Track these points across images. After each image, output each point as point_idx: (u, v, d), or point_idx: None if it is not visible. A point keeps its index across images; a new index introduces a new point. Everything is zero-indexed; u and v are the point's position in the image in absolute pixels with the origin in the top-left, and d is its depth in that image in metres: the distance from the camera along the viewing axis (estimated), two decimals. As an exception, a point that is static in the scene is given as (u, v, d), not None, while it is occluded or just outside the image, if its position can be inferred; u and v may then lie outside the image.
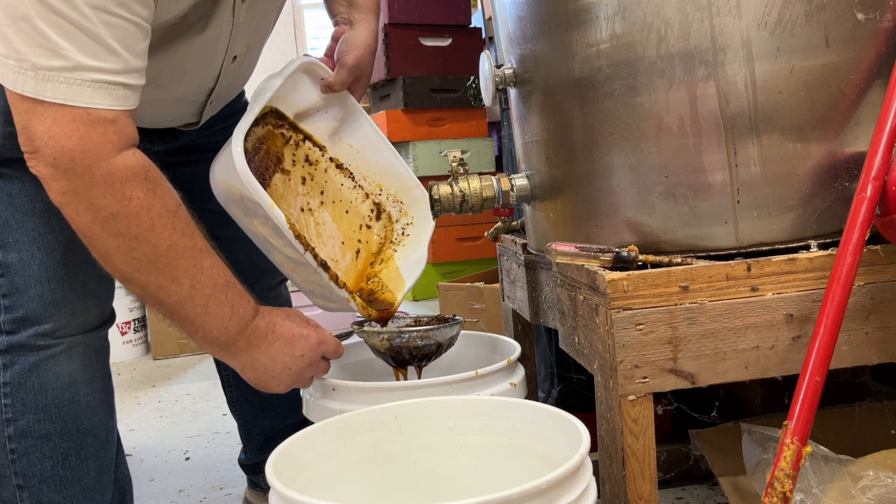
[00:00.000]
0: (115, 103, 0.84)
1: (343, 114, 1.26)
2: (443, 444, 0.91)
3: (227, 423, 2.05)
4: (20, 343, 0.97)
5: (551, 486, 0.65)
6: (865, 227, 0.82)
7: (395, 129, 3.20)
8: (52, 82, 0.80)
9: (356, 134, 1.26)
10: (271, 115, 1.20)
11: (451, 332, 1.13)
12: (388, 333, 1.09)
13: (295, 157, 1.22)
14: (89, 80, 0.82)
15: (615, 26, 0.91)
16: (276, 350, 0.98)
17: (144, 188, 0.87)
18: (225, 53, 1.11)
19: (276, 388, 1.01)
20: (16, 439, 0.98)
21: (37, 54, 0.80)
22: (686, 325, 0.87)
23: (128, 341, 3.00)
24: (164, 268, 0.88)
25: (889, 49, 0.89)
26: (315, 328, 1.01)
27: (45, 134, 0.82)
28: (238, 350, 0.96)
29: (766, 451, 0.92)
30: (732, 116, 0.89)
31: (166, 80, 1.07)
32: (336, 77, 1.20)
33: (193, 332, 0.94)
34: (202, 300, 0.91)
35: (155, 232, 0.87)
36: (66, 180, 0.84)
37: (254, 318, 0.96)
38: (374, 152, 1.27)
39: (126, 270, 0.88)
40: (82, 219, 0.86)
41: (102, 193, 0.84)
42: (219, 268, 0.93)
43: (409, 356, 1.11)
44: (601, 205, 0.97)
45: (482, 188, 1.12)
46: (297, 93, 1.20)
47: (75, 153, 0.82)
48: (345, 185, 1.26)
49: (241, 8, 1.06)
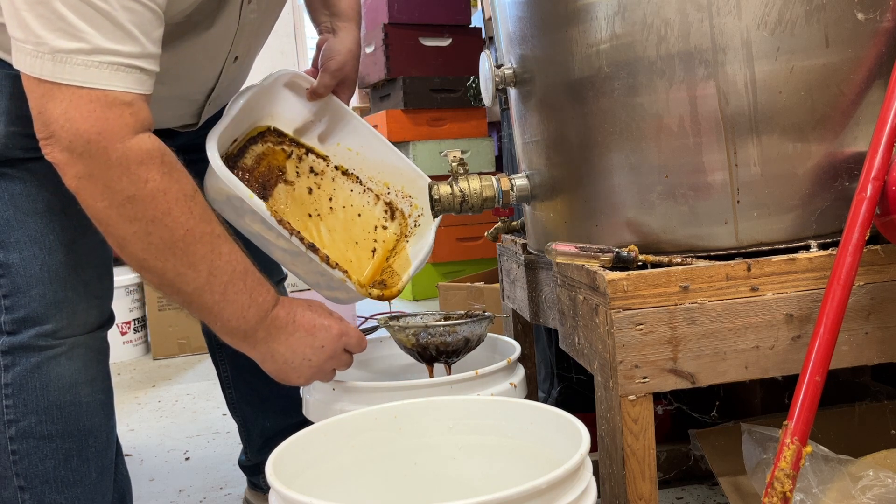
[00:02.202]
0: (132, 86, 0.84)
1: (335, 119, 1.28)
2: (443, 444, 0.91)
3: (227, 423, 2.05)
4: (22, 344, 0.97)
5: (551, 486, 0.65)
6: (865, 227, 0.82)
7: (395, 129, 3.20)
8: (70, 65, 0.80)
9: (351, 136, 1.28)
10: (270, 133, 1.23)
11: (479, 329, 1.10)
12: (414, 328, 1.08)
13: (299, 169, 1.25)
14: (107, 63, 0.82)
15: (615, 26, 0.92)
16: (296, 341, 0.96)
17: (161, 171, 0.86)
18: (228, 53, 1.12)
19: (296, 381, 0.99)
20: (17, 440, 0.98)
21: (55, 37, 0.80)
22: (686, 325, 0.87)
23: (128, 341, 2.99)
24: (181, 253, 0.87)
25: (889, 49, 0.89)
26: (338, 319, 0.99)
27: (61, 116, 0.81)
28: (258, 341, 0.95)
29: (766, 451, 0.92)
30: (732, 116, 0.89)
31: (171, 77, 1.07)
32: (319, 82, 1.22)
33: (212, 321, 0.93)
34: (220, 287, 0.90)
35: (172, 216, 0.86)
36: (81, 164, 0.83)
37: (274, 308, 0.94)
38: (372, 151, 1.28)
39: (143, 257, 0.87)
40: (98, 204, 0.85)
41: (118, 176, 0.83)
42: (237, 254, 0.92)
43: (436, 352, 1.09)
44: (601, 205, 0.97)
45: (482, 188, 1.12)
46: (290, 109, 1.23)
47: (91, 135, 0.82)
48: (354, 191, 1.28)
49: (248, 8, 1.06)
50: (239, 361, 1.44)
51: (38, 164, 0.96)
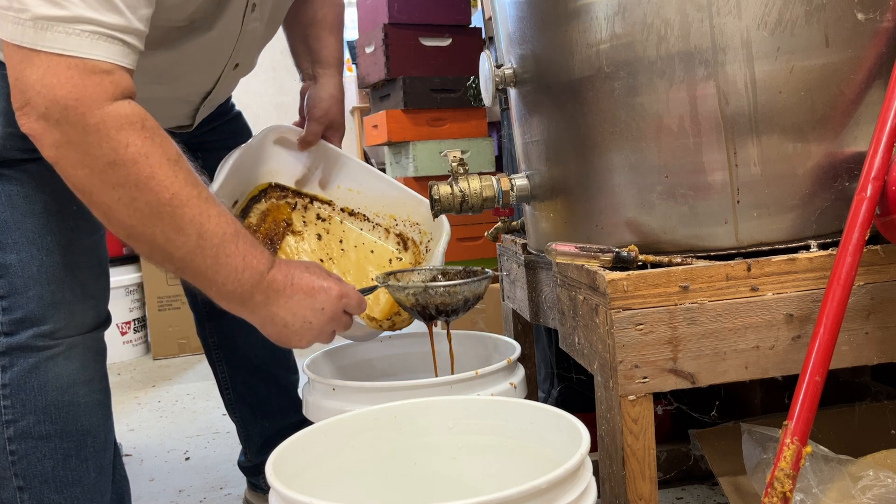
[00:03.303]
0: (112, 56, 0.83)
1: (330, 163, 1.31)
2: (443, 444, 0.91)
3: (227, 423, 2.05)
4: (19, 344, 0.97)
5: (551, 486, 0.65)
6: (865, 227, 0.82)
7: (395, 129, 3.20)
8: (51, 31, 0.79)
9: (349, 176, 1.31)
10: (273, 189, 1.27)
11: (478, 288, 1.09)
12: (413, 288, 1.06)
13: (305, 218, 1.29)
14: (88, 32, 0.81)
15: (615, 26, 0.91)
16: (295, 303, 0.94)
17: (142, 136, 0.84)
18: (228, 59, 1.12)
19: (297, 344, 0.97)
20: (16, 440, 0.98)
21: (38, 4, 0.79)
22: (686, 325, 0.87)
23: (128, 341, 2.99)
24: (168, 217, 0.85)
25: (889, 49, 0.89)
26: (336, 281, 0.97)
27: (37, 82, 0.80)
28: (256, 305, 0.93)
29: (766, 451, 0.92)
30: (732, 116, 0.89)
31: (169, 77, 1.07)
32: (308, 130, 1.26)
33: (208, 287, 0.91)
34: (212, 251, 0.88)
35: (156, 180, 0.84)
36: (58, 132, 0.81)
37: (270, 271, 0.92)
38: (371, 187, 1.31)
39: (130, 224, 0.86)
40: (79, 172, 0.83)
41: (97, 142, 0.82)
42: (226, 217, 0.90)
43: (436, 311, 1.08)
44: (601, 205, 0.97)
45: (482, 188, 1.12)
46: (286, 163, 1.27)
47: (68, 101, 0.80)
48: (364, 229, 1.31)
49: (251, 16, 1.07)
50: (236, 362, 1.44)
51: (35, 165, 0.96)
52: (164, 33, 0.99)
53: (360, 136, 5.06)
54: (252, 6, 1.07)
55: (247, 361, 1.43)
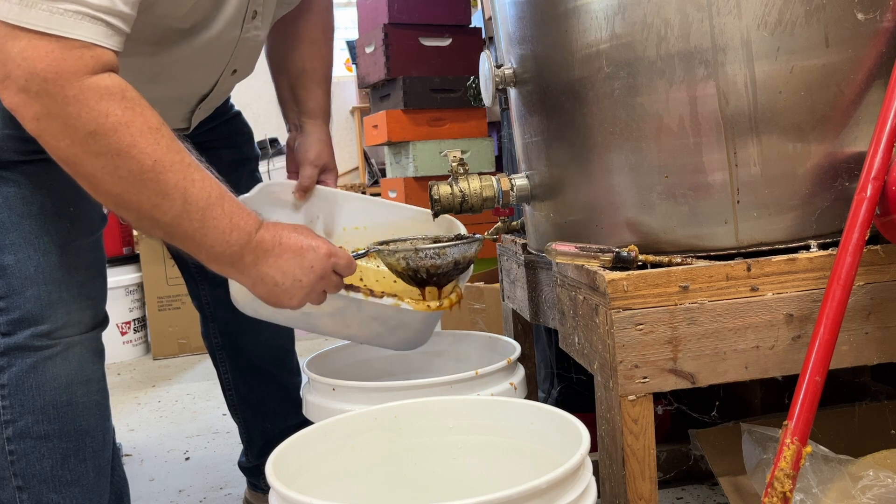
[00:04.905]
0: (96, 37, 0.83)
1: (330, 207, 1.29)
2: (443, 444, 0.91)
3: (227, 423, 2.05)
4: (17, 344, 0.97)
5: (551, 486, 0.65)
6: (865, 227, 0.82)
7: (395, 129, 3.20)
8: (35, 9, 0.80)
9: (351, 215, 1.29)
10: None
11: (468, 250, 1.08)
12: (403, 252, 1.06)
13: None
14: (72, 11, 0.81)
15: (615, 26, 0.91)
16: (284, 262, 0.94)
17: (122, 106, 0.85)
18: (227, 64, 1.12)
19: (288, 304, 0.97)
20: (15, 440, 0.98)
21: None
22: (686, 325, 0.87)
23: (128, 341, 2.99)
24: (152, 183, 0.86)
25: (889, 49, 0.89)
26: (325, 241, 0.98)
27: (18, 55, 0.81)
28: (245, 266, 0.94)
29: (766, 451, 0.92)
30: (732, 116, 0.89)
31: (165, 77, 1.07)
32: (303, 175, 1.25)
33: (197, 250, 0.92)
34: (198, 214, 0.89)
35: (138, 147, 0.85)
36: (38, 104, 0.82)
37: (258, 231, 0.93)
38: (375, 217, 1.29)
39: (116, 192, 0.86)
40: (61, 143, 0.84)
41: (77, 112, 0.83)
42: (210, 181, 0.91)
43: (427, 275, 1.07)
44: (601, 205, 0.97)
45: (482, 188, 1.12)
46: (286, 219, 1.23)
47: (48, 74, 0.81)
48: (381, 265, 1.26)
49: (251, 23, 1.07)
50: (239, 364, 1.44)
51: (33, 166, 0.97)
52: (162, 33, 0.99)
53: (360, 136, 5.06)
54: (253, 14, 1.07)
55: (250, 363, 1.43)
